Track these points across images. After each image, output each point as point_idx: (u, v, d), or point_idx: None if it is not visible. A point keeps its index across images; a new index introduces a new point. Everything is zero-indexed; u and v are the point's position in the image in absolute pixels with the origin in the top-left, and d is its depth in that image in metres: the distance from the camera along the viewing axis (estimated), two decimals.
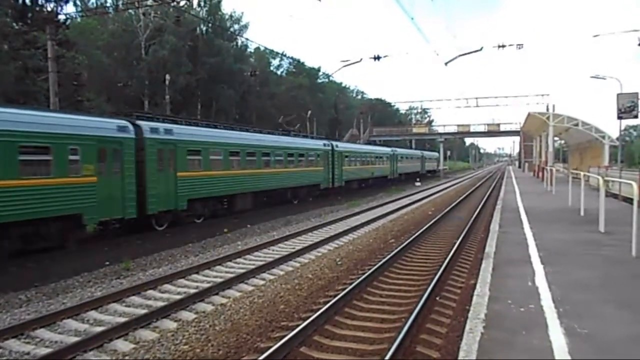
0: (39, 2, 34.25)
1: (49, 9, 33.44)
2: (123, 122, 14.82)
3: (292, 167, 24.90)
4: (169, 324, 7.33)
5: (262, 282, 9.71)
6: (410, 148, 74.91)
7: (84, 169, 13.09)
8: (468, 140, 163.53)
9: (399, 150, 49.55)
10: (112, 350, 6.41)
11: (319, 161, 28.54)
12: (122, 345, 6.56)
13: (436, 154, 78.29)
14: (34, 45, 29.75)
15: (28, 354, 6.37)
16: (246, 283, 9.68)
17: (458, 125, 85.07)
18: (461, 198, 27.09)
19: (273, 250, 13.07)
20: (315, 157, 27.95)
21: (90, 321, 7.59)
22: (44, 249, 12.12)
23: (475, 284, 6.69)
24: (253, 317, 7.50)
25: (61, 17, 32.14)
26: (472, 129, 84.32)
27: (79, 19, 41.40)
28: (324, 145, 29.98)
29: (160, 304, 8.23)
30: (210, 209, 18.85)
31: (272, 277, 10.18)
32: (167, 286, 9.54)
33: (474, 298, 5.88)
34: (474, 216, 17.87)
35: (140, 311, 7.91)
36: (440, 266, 9.87)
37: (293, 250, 12.61)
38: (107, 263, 11.48)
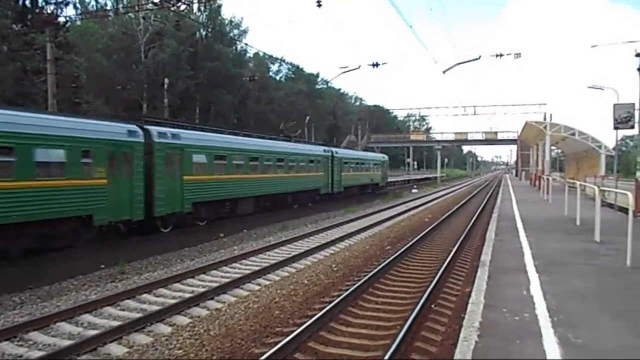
0: (39, 4, 34.28)
1: (49, 11, 33.50)
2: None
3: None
4: (163, 329, 7.31)
5: (257, 288, 9.69)
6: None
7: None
8: (465, 148, 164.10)
9: (219, 139, 20.03)
10: (105, 354, 6.38)
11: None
12: (116, 349, 6.53)
13: (379, 155, 47.74)
14: (33, 46, 29.75)
15: (21, 356, 6.33)
16: (241, 288, 9.66)
17: (456, 133, 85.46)
18: (458, 205, 27.14)
19: (269, 256, 13.05)
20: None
21: (84, 324, 7.55)
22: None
23: (470, 292, 6.70)
24: (248, 323, 7.48)
25: (61, 19, 32.20)
26: (469, 137, 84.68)
27: (78, 22, 41.43)
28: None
29: (155, 308, 8.20)
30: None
31: (267, 282, 10.16)
32: (162, 290, 9.51)
33: (469, 306, 5.88)
34: (471, 224, 17.89)
35: (135, 315, 7.88)
36: (436, 274, 9.87)
37: (289, 255, 12.60)
38: (103, 266, 11.43)
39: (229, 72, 54.63)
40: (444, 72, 27.98)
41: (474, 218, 19.96)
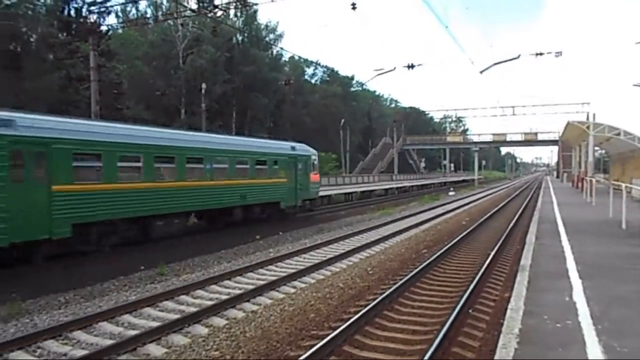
0: (83, 14, 35.54)
1: (92, 20, 34.71)
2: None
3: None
4: (200, 330, 7.42)
5: (293, 290, 9.73)
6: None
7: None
8: (504, 150, 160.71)
9: None
10: (145, 354, 6.53)
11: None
12: (154, 349, 6.67)
13: (283, 145, 22.65)
14: (76, 54, 30.90)
15: (65, 355, 6.55)
16: (277, 290, 9.71)
17: (493, 134, 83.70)
18: (497, 208, 26.56)
19: (304, 258, 13.08)
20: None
21: (124, 324, 7.75)
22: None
23: (509, 298, 6.53)
24: (283, 325, 7.51)
25: (103, 28, 33.31)
26: (508, 138, 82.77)
27: (120, 30, 42.73)
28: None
29: (193, 309, 8.34)
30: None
31: (303, 285, 10.18)
32: (200, 292, 9.66)
33: (508, 312, 5.73)
34: (510, 227, 17.47)
35: (173, 316, 8.03)
36: (474, 278, 9.67)
37: (324, 258, 12.59)
38: (143, 268, 11.72)
39: (265, 76, 55.23)
40: (481, 72, 27.52)
41: (514, 221, 19.48)
